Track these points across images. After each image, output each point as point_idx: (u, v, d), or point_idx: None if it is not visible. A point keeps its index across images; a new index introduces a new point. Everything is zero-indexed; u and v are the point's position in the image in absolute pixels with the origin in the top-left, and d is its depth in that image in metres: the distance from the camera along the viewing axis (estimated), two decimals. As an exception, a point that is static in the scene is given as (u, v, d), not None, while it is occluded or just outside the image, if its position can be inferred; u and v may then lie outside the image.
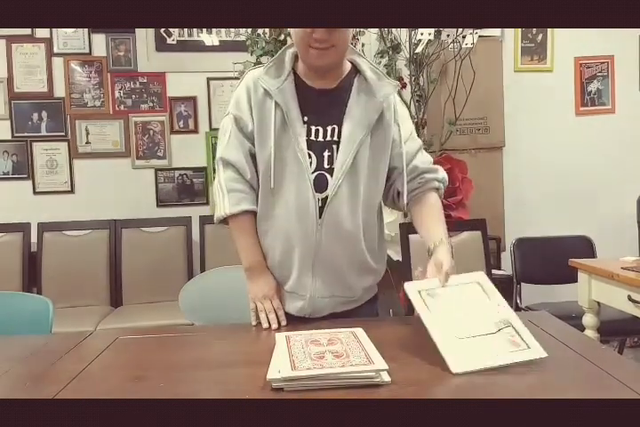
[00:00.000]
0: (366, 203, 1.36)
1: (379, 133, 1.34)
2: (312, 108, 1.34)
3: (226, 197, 1.36)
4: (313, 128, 1.33)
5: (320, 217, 1.31)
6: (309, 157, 1.32)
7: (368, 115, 1.32)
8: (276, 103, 1.31)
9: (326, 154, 1.33)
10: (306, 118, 1.33)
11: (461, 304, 1.18)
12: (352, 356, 1.04)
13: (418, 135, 1.48)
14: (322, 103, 1.34)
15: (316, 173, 1.32)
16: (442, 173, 1.44)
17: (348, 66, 1.38)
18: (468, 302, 1.19)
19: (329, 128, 1.33)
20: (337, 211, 1.32)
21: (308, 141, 1.32)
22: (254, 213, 1.38)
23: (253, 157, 1.37)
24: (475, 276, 1.26)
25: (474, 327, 1.12)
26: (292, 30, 1.29)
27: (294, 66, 1.36)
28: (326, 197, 1.32)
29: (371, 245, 1.40)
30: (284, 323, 1.35)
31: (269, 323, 1.34)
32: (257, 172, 1.37)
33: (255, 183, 1.38)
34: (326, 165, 1.32)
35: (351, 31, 1.30)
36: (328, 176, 1.32)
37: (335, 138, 1.33)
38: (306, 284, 1.36)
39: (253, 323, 1.38)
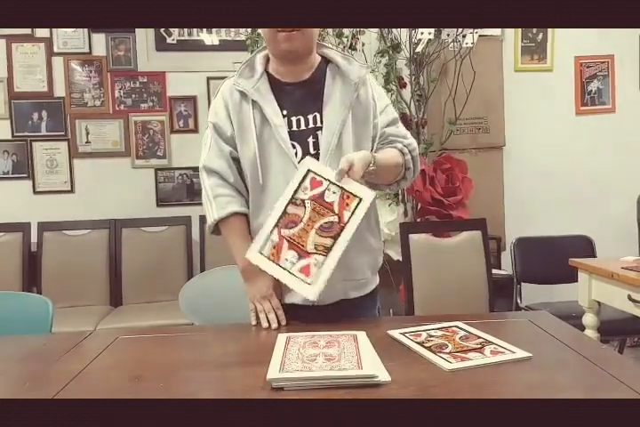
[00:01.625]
0: None
1: (359, 111, 1.36)
2: (289, 101, 1.36)
3: (213, 204, 1.37)
4: (294, 119, 1.35)
5: None
6: (293, 147, 1.33)
7: (346, 95, 1.35)
8: (254, 102, 1.34)
9: (311, 140, 1.34)
10: (285, 112, 1.35)
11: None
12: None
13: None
14: (298, 95, 1.36)
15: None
16: (410, 141, 1.41)
17: (318, 58, 1.40)
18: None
19: (310, 117, 1.35)
20: None
21: (290, 133, 1.33)
22: (245, 216, 1.38)
23: (235, 160, 1.38)
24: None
25: None
26: None
27: (266, 67, 1.39)
28: None
29: (366, 222, 1.36)
30: (283, 322, 1.35)
31: (269, 323, 1.34)
32: (241, 175, 1.38)
33: (241, 186, 1.39)
34: (312, 151, 1.34)
35: None
36: None
37: (319, 124, 1.34)
38: None
39: (253, 323, 1.38)
